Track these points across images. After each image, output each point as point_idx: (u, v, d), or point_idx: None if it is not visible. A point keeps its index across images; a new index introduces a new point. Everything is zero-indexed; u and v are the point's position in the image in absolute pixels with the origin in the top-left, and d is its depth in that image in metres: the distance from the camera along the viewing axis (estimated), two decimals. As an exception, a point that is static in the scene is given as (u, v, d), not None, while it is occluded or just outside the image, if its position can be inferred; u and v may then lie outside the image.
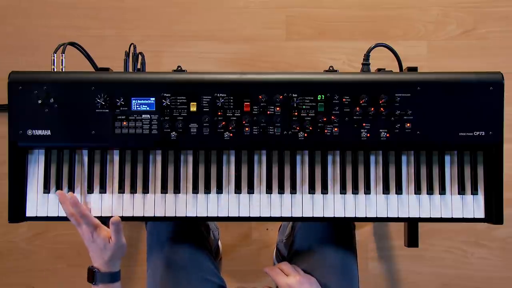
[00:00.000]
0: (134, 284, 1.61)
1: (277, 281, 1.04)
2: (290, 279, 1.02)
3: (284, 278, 1.02)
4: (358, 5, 1.65)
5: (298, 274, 1.03)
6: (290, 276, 1.02)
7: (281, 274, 1.04)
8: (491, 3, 1.65)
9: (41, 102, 1.01)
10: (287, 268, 1.05)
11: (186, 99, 1.02)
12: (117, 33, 1.64)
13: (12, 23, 1.64)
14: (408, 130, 1.02)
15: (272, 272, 1.05)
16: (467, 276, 1.62)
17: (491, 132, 1.02)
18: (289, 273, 1.03)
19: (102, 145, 1.05)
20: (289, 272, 1.04)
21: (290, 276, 1.03)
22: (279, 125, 1.03)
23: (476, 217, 1.05)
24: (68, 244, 1.61)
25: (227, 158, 1.06)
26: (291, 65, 1.64)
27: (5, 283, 1.61)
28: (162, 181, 1.05)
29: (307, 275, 1.04)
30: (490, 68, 1.08)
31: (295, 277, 1.02)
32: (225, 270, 1.60)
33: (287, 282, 1.01)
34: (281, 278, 1.03)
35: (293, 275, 1.03)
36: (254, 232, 1.62)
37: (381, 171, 1.06)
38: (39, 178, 1.05)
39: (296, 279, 1.01)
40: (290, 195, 1.05)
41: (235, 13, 1.65)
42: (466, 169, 1.05)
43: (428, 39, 1.64)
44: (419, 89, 1.02)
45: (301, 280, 1.01)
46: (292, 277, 1.02)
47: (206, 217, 1.05)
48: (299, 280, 1.01)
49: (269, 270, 1.07)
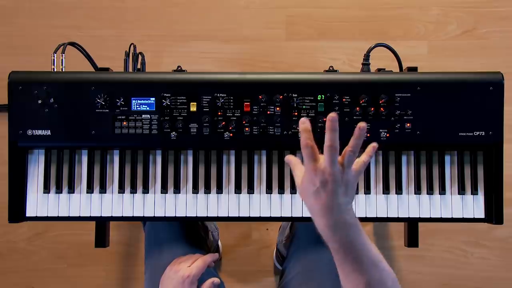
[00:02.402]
0: (134, 284, 1.61)
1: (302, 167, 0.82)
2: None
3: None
4: (358, 5, 1.65)
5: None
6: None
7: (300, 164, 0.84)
8: (491, 3, 1.65)
9: (41, 102, 1.01)
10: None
11: (186, 99, 1.02)
12: (117, 33, 1.64)
13: (12, 23, 1.64)
14: (408, 130, 1.02)
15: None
16: (467, 276, 1.62)
17: (491, 132, 1.02)
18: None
19: (102, 145, 1.05)
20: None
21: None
22: (279, 125, 1.03)
23: (476, 217, 1.05)
24: (68, 244, 1.61)
25: (227, 158, 1.06)
26: (291, 65, 1.64)
27: (5, 283, 1.61)
28: (162, 181, 1.05)
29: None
30: (490, 68, 1.08)
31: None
32: (225, 270, 1.60)
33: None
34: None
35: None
36: (254, 232, 1.62)
37: (381, 171, 1.06)
38: (39, 178, 1.05)
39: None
40: (290, 195, 1.05)
41: (235, 13, 1.65)
42: (466, 169, 1.05)
43: (428, 39, 1.64)
44: (419, 89, 1.02)
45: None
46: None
47: (206, 217, 1.05)
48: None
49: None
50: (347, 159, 0.75)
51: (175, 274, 0.98)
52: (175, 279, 0.97)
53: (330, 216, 0.74)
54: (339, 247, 0.75)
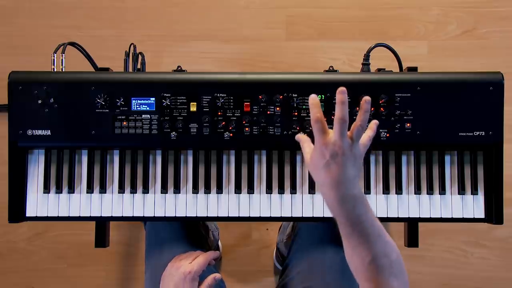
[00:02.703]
0: (134, 284, 1.61)
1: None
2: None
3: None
4: (358, 5, 1.65)
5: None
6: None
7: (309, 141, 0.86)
8: (491, 3, 1.65)
9: (41, 102, 1.01)
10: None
11: (186, 99, 1.02)
12: (117, 33, 1.64)
13: (12, 23, 1.64)
14: (408, 130, 1.02)
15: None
16: (467, 276, 1.62)
17: (491, 132, 1.02)
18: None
19: (102, 145, 1.05)
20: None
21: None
22: (279, 125, 1.03)
23: (476, 217, 1.05)
24: (68, 244, 1.61)
25: (227, 158, 1.06)
26: (291, 65, 1.64)
27: (5, 283, 1.61)
28: (162, 181, 1.05)
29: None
30: (490, 68, 1.08)
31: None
32: (225, 270, 1.60)
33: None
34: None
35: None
36: (254, 232, 1.62)
37: (381, 171, 1.06)
38: (39, 178, 1.05)
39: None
40: (290, 195, 1.05)
41: (235, 13, 1.65)
42: (466, 169, 1.05)
43: (428, 39, 1.64)
44: (419, 89, 1.02)
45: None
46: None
47: (206, 217, 1.05)
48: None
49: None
50: (356, 133, 0.77)
51: (176, 270, 0.98)
52: (177, 275, 0.97)
53: (339, 189, 0.77)
54: (346, 220, 0.77)
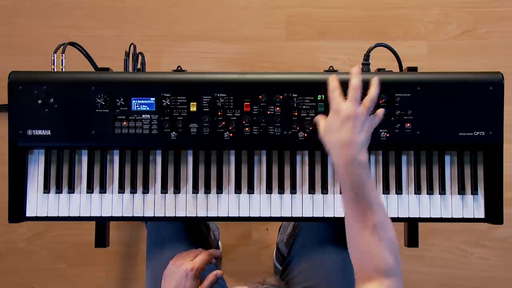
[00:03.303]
0: (134, 284, 1.61)
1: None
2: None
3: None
4: (358, 5, 1.65)
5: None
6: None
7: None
8: (491, 3, 1.65)
9: (41, 102, 1.01)
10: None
11: (186, 99, 1.02)
12: (117, 33, 1.64)
13: (12, 23, 1.64)
14: (408, 130, 1.02)
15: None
16: (467, 276, 1.62)
17: (491, 132, 1.02)
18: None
19: (102, 145, 1.05)
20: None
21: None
22: (279, 125, 1.03)
23: (476, 217, 1.05)
24: (68, 244, 1.61)
25: (227, 158, 1.06)
26: (291, 65, 1.64)
27: (5, 283, 1.61)
28: (162, 181, 1.05)
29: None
30: (490, 68, 1.08)
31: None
32: (225, 270, 1.60)
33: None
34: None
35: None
36: (254, 232, 1.62)
37: (381, 171, 1.06)
38: (39, 178, 1.05)
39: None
40: (290, 195, 1.05)
41: (235, 13, 1.65)
42: (466, 169, 1.05)
43: (428, 39, 1.64)
44: (419, 89, 1.02)
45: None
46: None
47: (206, 217, 1.05)
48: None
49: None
50: (368, 102, 0.88)
51: (178, 268, 0.98)
52: (178, 273, 0.97)
53: (349, 150, 0.84)
54: (351, 185, 0.84)
